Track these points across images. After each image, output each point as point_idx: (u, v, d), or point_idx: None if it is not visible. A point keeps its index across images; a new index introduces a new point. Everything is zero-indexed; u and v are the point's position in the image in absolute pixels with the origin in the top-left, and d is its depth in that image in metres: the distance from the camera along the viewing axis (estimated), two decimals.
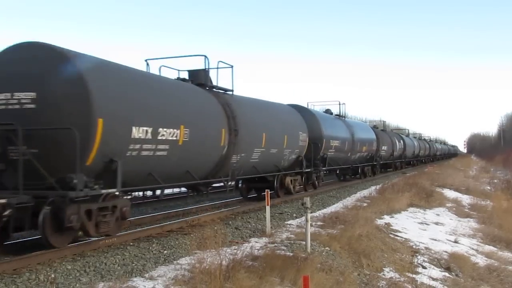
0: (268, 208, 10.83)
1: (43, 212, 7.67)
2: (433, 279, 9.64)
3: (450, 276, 10.18)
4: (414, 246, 11.71)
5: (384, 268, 9.49)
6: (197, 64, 13.14)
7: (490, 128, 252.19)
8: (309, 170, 18.51)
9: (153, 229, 10.30)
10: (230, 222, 11.86)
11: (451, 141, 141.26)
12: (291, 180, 17.37)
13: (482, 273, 10.79)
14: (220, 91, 13.43)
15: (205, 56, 12.81)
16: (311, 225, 9.84)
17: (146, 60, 12.40)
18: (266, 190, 11.76)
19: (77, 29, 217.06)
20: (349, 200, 17.82)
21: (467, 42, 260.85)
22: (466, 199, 23.58)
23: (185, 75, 12.92)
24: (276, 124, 15.75)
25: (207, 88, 12.96)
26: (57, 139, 7.92)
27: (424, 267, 10.24)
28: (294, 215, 13.61)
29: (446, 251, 11.78)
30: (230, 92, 13.78)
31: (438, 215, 17.41)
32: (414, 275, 9.58)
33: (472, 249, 12.87)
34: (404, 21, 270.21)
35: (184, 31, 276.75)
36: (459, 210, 19.45)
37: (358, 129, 26.97)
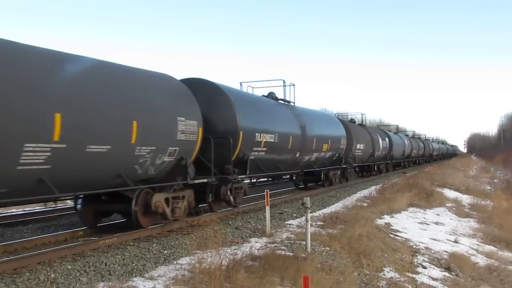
0: (268, 208, 10.83)
1: (223, 188, 12.51)
2: (433, 279, 9.64)
3: (450, 276, 10.18)
4: (414, 246, 11.70)
5: (384, 268, 9.49)
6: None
7: (490, 128, 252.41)
8: (345, 166, 23.37)
9: (153, 229, 10.29)
10: (230, 222, 11.85)
11: (451, 141, 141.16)
12: (333, 174, 21.92)
13: (482, 273, 10.79)
14: (289, 103, 18.06)
15: (283, 80, 17.86)
16: (311, 225, 9.84)
17: (240, 83, 16.48)
18: (266, 190, 11.75)
19: (77, 29, 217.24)
20: (349, 200, 17.82)
21: (467, 42, 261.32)
22: (466, 199, 23.58)
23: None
24: (326, 131, 20.58)
25: (283, 101, 17.85)
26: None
27: (424, 267, 10.24)
28: (294, 215, 13.61)
29: (446, 251, 11.78)
30: (293, 103, 18.30)
31: (438, 215, 17.41)
32: (414, 275, 9.58)
33: (472, 249, 12.87)
34: (404, 21, 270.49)
35: (183, 31, 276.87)
36: (459, 210, 19.46)
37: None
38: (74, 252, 8.16)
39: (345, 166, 23.34)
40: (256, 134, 13.77)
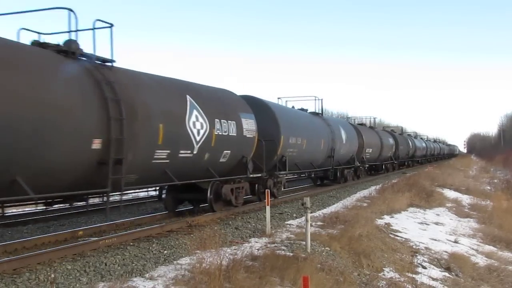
0: (268, 208, 10.83)
1: (269, 181, 15.48)
2: (433, 279, 9.64)
3: (450, 276, 10.18)
4: (414, 246, 11.71)
5: (384, 268, 9.50)
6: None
7: (490, 128, 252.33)
8: (358, 165, 26.68)
9: (153, 229, 10.30)
10: (230, 222, 11.86)
11: (451, 141, 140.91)
12: (347, 172, 24.92)
13: (482, 273, 10.80)
14: (318, 114, 22.00)
15: (315, 97, 20.97)
16: (311, 225, 9.84)
17: (278, 98, 19.43)
18: (266, 190, 11.75)
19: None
20: (349, 200, 17.82)
21: (467, 42, 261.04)
22: (466, 199, 23.59)
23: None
24: (345, 135, 24.10)
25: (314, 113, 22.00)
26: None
27: (424, 267, 10.24)
28: (294, 215, 13.62)
29: (446, 251, 11.79)
30: (321, 114, 22.03)
31: (438, 215, 17.42)
32: (414, 275, 9.59)
33: (472, 249, 12.87)
34: (403, 21, 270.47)
35: (182, 31, 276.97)
36: (459, 210, 19.46)
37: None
38: (74, 252, 8.17)
39: (358, 165, 26.66)
40: (291, 138, 16.94)
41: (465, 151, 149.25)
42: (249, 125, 13.87)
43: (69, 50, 8.79)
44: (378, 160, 32.45)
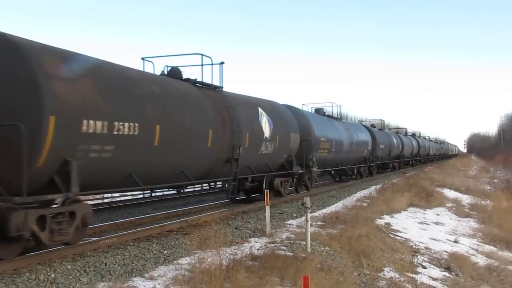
0: (268, 208, 10.83)
1: (305, 176, 18.66)
2: (433, 279, 9.64)
3: (450, 276, 10.18)
4: (414, 246, 11.71)
5: (384, 268, 9.50)
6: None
7: (490, 128, 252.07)
8: (373, 164, 30.14)
9: (153, 229, 10.30)
10: (230, 222, 11.86)
11: (451, 141, 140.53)
12: (363, 170, 28.93)
13: (482, 273, 10.80)
14: (336, 119, 25.34)
15: (332, 103, 22.25)
16: (311, 225, 9.84)
17: (303, 104, 21.08)
18: (266, 190, 11.76)
19: (77, 29, 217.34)
20: (349, 200, 17.81)
21: (467, 42, 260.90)
22: (466, 199, 23.60)
23: None
24: (362, 137, 27.61)
25: (333, 117, 25.11)
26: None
27: (424, 267, 10.25)
28: (294, 215, 13.61)
29: (446, 251, 11.79)
30: (339, 119, 24.42)
31: (438, 215, 17.42)
32: (414, 275, 9.59)
33: (472, 249, 12.88)
34: (404, 21, 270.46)
35: (181, 31, 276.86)
36: (459, 210, 19.47)
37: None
38: (74, 252, 8.16)
39: (371, 164, 30.40)
40: (322, 139, 20.39)
41: (465, 151, 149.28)
42: (295, 131, 17.10)
43: (204, 83, 12.75)
44: (387, 159, 35.67)
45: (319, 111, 24.30)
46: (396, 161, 39.85)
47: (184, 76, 12.22)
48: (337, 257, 9.06)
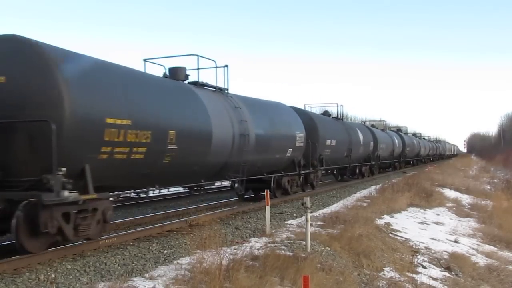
0: (268, 208, 10.83)
1: (311, 175, 19.25)
2: (433, 279, 9.64)
3: (450, 276, 10.18)
4: (414, 246, 11.70)
5: (384, 268, 9.49)
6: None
7: (490, 128, 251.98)
8: (373, 163, 30.63)
9: (153, 229, 10.30)
10: (230, 222, 11.86)
11: (451, 140, 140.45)
12: (364, 169, 29.39)
13: (482, 272, 10.79)
14: (339, 119, 25.78)
15: (337, 103, 22.57)
16: (311, 225, 9.84)
17: (304, 105, 21.58)
18: (266, 190, 11.76)
19: (77, 29, 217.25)
20: (349, 200, 17.81)
21: (467, 42, 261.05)
22: (466, 199, 23.58)
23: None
24: (363, 138, 27.75)
25: (336, 118, 25.60)
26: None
27: (424, 267, 10.24)
28: (294, 215, 13.61)
29: (446, 251, 11.78)
30: (342, 119, 25.66)
31: (438, 214, 17.41)
32: (414, 275, 9.58)
33: (472, 248, 12.87)
34: (404, 21, 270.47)
35: (182, 31, 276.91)
36: (459, 210, 19.46)
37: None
38: (74, 252, 8.16)
39: (373, 163, 30.79)
40: (327, 141, 21.18)
41: (465, 150, 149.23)
42: (301, 134, 17.36)
43: (217, 87, 13.34)
44: (389, 159, 36.39)
45: (323, 112, 25.28)
46: (398, 161, 40.97)
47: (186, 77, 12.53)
48: (337, 257, 9.05)
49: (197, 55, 12.67)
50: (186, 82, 12.36)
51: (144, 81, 10.37)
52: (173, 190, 17.06)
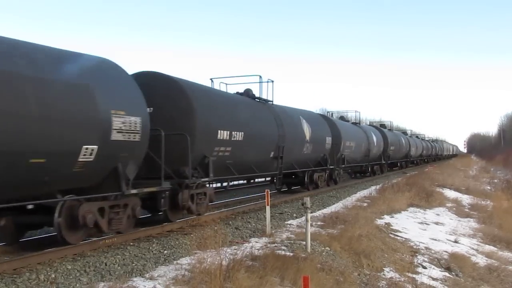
0: (268, 208, 10.84)
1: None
2: (433, 279, 9.64)
3: (450, 276, 10.18)
4: (414, 246, 11.71)
5: (384, 268, 9.50)
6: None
7: (490, 128, 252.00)
8: (384, 162, 33.47)
9: (153, 229, 10.30)
10: (230, 222, 11.86)
11: (451, 140, 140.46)
12: (376, 168, 31.97)
13: (482, 273, 10.80)
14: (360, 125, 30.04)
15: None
16: (311, 225, 9.84)
17: (327, 112, 26.60)
18: (266, 190, 11.76)
19: (77, 29, 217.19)
20: (349, 200, 17.82)
21: (468, 42, 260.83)
22: (466, 199, 23.59)
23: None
24: (375, 139, 30.47)
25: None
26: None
27: (424, 267, 10.25)
28: (294, 215, 13.62)
29: (446, 251, 11.79)
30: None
31: (438, 215, 17.42)
32: (414, 275, 9.59)
33: (472, 249, 12.88)
34: (404, 21, 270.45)
35: (184, 32, 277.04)
36: (459, 210, 19.46)
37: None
38: (74, 252, 8.16)
39: (383, 162, 33.60)
40: (347, 142, 24.44)
41: (465, 151, 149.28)
42: (328, 135, 21.12)
43: (262, 98, 16.40)
44: (396, 158, 38.30)
45: (342, 117, 29.72)
46: (403, 160, 42.97)
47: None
48: (337, 257, 9.06)
49: (259, 76, 16.27)
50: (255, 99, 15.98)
51: (236, 101, 14.68)
52: None
